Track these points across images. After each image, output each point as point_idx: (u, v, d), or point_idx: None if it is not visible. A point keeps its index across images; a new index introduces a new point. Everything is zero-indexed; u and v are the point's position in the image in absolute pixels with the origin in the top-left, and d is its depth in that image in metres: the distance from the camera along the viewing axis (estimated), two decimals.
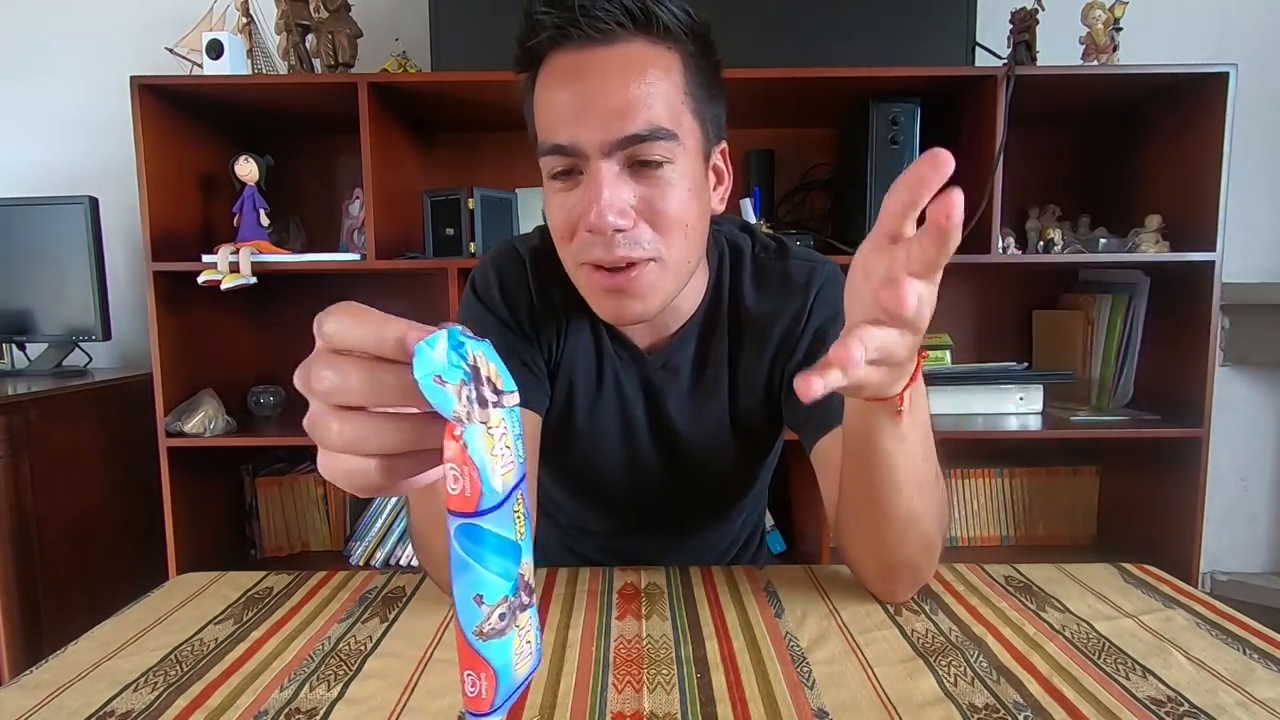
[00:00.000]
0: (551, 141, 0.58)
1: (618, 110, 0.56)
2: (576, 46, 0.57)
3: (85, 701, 0.48)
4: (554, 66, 0.59)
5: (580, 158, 0.58)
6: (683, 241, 0.61)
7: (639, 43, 0.58)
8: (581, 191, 0.58)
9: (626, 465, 0.78)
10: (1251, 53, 1.65)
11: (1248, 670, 0.50)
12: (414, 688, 0.49)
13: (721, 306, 0.73)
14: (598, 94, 0.56)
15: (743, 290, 0.73)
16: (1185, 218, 1.46)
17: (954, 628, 0.57)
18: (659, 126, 0.57)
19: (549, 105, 0.59)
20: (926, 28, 1.46)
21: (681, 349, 0.73)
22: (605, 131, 0.56)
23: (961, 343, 1.77)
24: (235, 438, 1.50)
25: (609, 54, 0.57)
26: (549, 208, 0.62)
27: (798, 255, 0.75)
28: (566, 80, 0.58)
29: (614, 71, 0.57)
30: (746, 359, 0.74)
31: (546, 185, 0.62)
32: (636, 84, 0.56)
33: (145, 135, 1.40)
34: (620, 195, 0.57)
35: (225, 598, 0.64)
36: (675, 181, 0.59)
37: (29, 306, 1.63)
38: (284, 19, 1.48)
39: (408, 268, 1.50)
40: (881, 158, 1.44)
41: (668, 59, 0.59)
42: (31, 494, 1.35)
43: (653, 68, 0.58)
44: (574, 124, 0.57)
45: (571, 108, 0.57)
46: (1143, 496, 1.62)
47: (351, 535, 1.67)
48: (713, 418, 0.75)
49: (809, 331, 0.71)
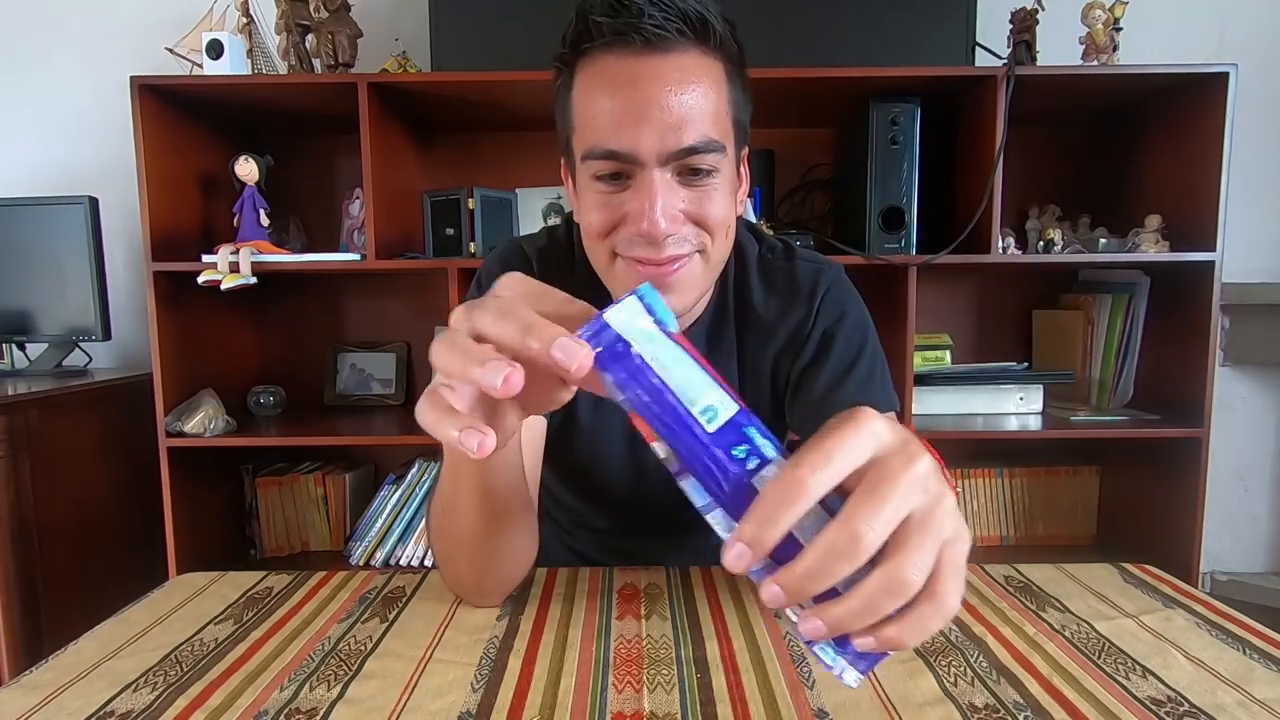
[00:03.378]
0: (605, 147, 0.58)
1: (675, 122, 0.56)
2: (632, 52, 0.57)
3: (85, 701, 0.48)
4: (603, 68, 0.58)
5: (634, 164, 0.58)
6: (723, 241, 0.64)
7: (694, 53, 0.58)
8: (631, 195, 0.59)
9: (629, 463, 0.78)
10: (1251, 53, 1.66)
11: (1248, 670, 0.50)
12: (414, 688, 0.49)
13: (728, 304, 0.74)
14: (654, 104, 0.56)
15: (749, 289, 0.74)
16: (1185, 218, 1.46)
17: (954, 628, 0.57)
18: (711, 139, 0.58)
19: (598, 108, 0.58)
20: (926, 28, 1.46)
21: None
22: (662, 143, 0.57)
23: (961, 343, 1.77)
24: (235, 438, 1.50)
25: (665, 62, 0.57)
26: (585, 204, 0.62)
27: (804, 257, 0.76)
28: (621, 86, 0.57)
29: (672, 81, 0.57)
30: (753, 356, 0.74)
31: (585, 184, 0.62)
32: (693, 95, 0.57)
33: (145, 135, 1.40)
34: (673, 204, 0.59)
35: (225, 598, 0.64)
36: (720, 188, 0.61)
37: (29, 306, 1.63)
38: (284, 19, 1.48)
39: (408, 268, 1.50)
40: (881, 158, 1.44)
41: (717, 70, 0.60)
42: (31, 494, 1.35)
43: (706, 78, 0.58)
44: (631, 131, 0.57)
45: (628, 114, 0.57)
46: (1143, 496, 1.62)
47: (351, 535, 1.67)
48: None
49: (815, 334, 0.72)
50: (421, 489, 1.62)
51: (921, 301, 1.48)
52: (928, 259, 1.43)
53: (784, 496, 0.29)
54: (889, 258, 1.44)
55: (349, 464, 1.77)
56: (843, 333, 0.72)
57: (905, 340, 1.46)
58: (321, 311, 1.81)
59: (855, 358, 0.71)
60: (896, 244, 1.46)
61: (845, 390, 0.69)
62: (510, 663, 0.52)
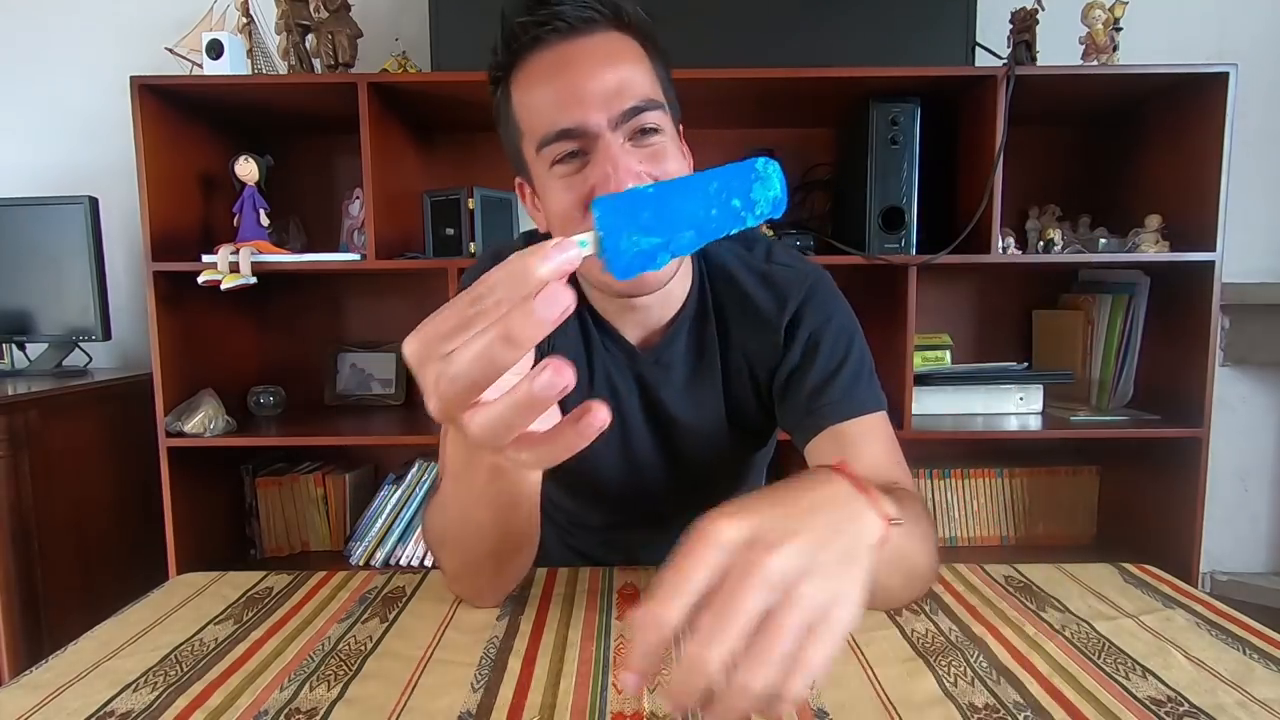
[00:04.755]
0: (557, 128, 0.60)
1: (615, 88, 0.60)
2: (555, 42, 0.61)
3: (85, 701, 0.48)
4: (536, 65, 0.62)
5: (587, 138, 0.60)
6: None
7: (614, 34, 0.62)
8: (592, 166, 0.61)
9: (622, 460, 0.78)
10: (1251, 53, 1.66)
11: (1247, 670, 0.50)
12: (414, 688, 0.49)
13: (708, 297, 0.75)
14: (592, 78, 0.60)
15: (728, 281, 0.75)
16: (1185, 218, 1.46)
17: (954, 628, 0.57)
18: (650, 98, 0.62)
19: (541, 99, 0.62)
20: (926, 28, 1.46)
21: (674, 343, 0.74)
22: (608, 108, 0.60)
23: (961, 343, 1.77)
24: (235, 438, 1.50)
25: (590, 42, 0.61)
26: (550, 196, 0.64)
27: (785, 260, 0.76)
28: (558, 71, 0.61)
29: (601, 56, 0.61)
30: (735, 348, 0.75)
31: (546, 175, 0.63)
32: (623, 67, 0.61)
33: (145, 135, 1.40)
34: (632, 165, 0.61)
35: (225, 598, 0.64)
36: (669, 146, 0.63)
37: (29, 306, 1.63)
38: (284, 19, 1.48)
39: (408, 268, 1.50)
40: (881, 158, 1.44)
41: (637, 49, 0.64)
42: (31, 494, 1.35)
43: (630, 53, 0.63)
44: (577, 107, 0.60)
45: (570, 93, 0.60)
46: (1143, 496, 1.62)
47: (351, 535, 1.67)
48: (709, 408, 0.76)
49: (801, 336, 0.72)
50: (421, 489, 1.62)
51: (921, 301, 1.48)
52: (928, 259, 1.43)
53: (649, 632, 0.32)
54: (889, 258, 1.44)
55: (349, 464, 1.77)
56: (829, 335, 0.72)
57: (905, 340, 1.45)
58: (321, 311, 1.81)
59: (842, 360, 0.71)
60: (896, 244, 1.46)
61: (832, 393, 0.69)
62: (510, 663, 0.52)
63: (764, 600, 0.32)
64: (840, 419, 0.68)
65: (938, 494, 1.70)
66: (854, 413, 0.68)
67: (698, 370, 0.75)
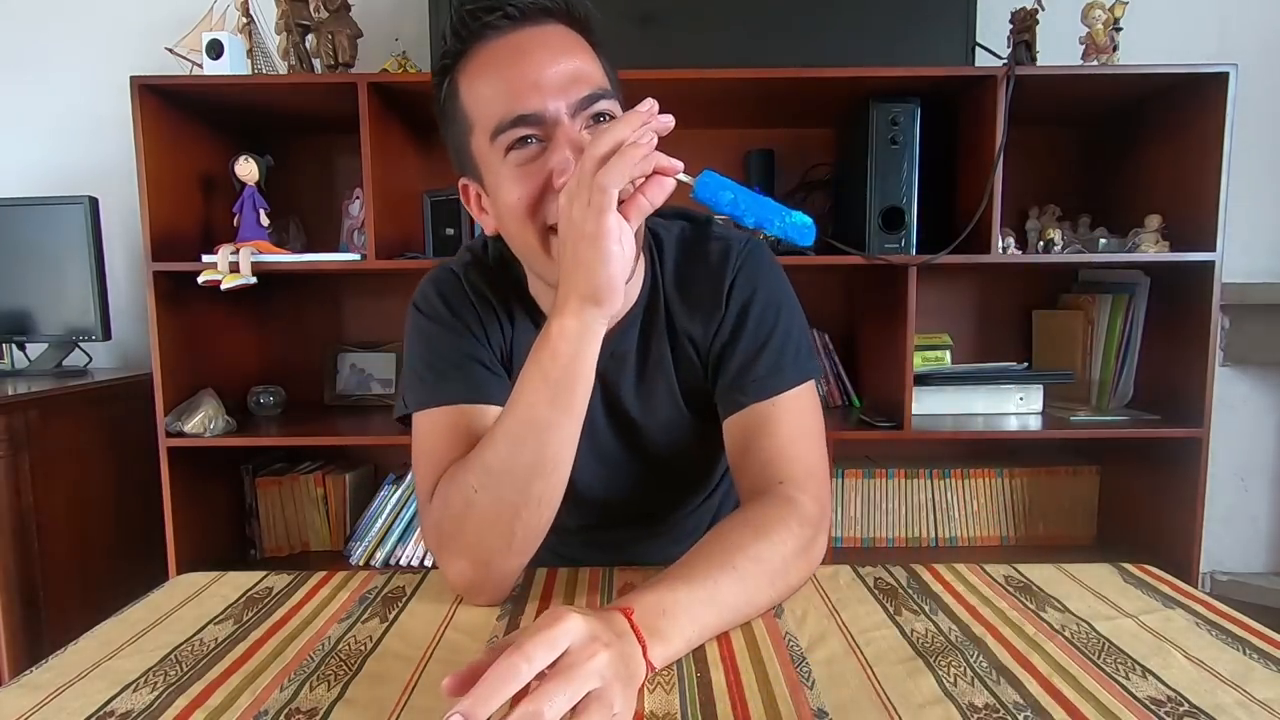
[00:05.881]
0: (515, 113, 0.60)
1: (571, 76, 0.60)
2: (507, 30, 0.61)
3: (85, 701, 0.48)
4: (486, 55, 0.62)
5: (544, 124, 0.60)
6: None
7: (560, 26, 0.63)
8: (552, 151, 0.60)
9: (589, 457, 0.77)
10: (1251, 53, 1.66)
11: (1247, 670, 0.50)
12: (414, 688, 0.49)
13: (658, 287, 0.75)
14: (547, 65, 0.60)
15: (671, 266, 0.75)
16: (1185, 218, 1.46)
17: (954, 628, 0.57)
18: (604, 87, 0.63)
19: (495, 87, 0.61)
20: (926, 27, 1.46)
21: (627, 335, 0.74)
22: (566, 95, 0.60)
23: (961, 343, 1.77)
24: (235, 438, 1.50)
25: (540, 31, 0.61)
26: (504, 187, 0.63)
27: (717, 234, 0.76)
28: (512, 58, 0.61)
29: (555, 46, 0.61)
30: (680, 331, 0.75)
31: (500, 165, 0.62)
32: (576, 55, 0.62)
33: (145, 135, 1.40)
34: None
35: (225, 598, 0.64)
36: None
37: (29, 306, 1.63)
38: (284, 19, 1.48)
39: (408, 268, 1.50)
40: (881, 158, 1.44)
41: (583, 42, 0.64)
42: (31, 494, 1.35)
43: (578, 45, 0.63)
44: (535, 93, 0.59)
45: (526, 80, 0.60)
46: (1143, 496, 1.62)
47: (351, 535, 1.67)
48: (664, 395, 0.76)
49: (732, 310, 0.73)
50: None
51: (921, 301, 1.48)
52: (928, 259, 1.43)
53: (499, 681, 0.39)
54: (889, 258, 1.44)
55: (349, 464, 1.77)
56: (755, 307, 0.72)
57: (905, 340, 1.45)
58: (321, 311, 1.81)
59: (768, 335, 0.71)
60: (896, 244, 1.46)
61: (759, 367, 0.70)
62: None
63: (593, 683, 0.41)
64: (757, 398, 0.69)
65: (938, 494, 1.70)
66: (771, 391, 0.69)
67: (649, 359, 0.75)
